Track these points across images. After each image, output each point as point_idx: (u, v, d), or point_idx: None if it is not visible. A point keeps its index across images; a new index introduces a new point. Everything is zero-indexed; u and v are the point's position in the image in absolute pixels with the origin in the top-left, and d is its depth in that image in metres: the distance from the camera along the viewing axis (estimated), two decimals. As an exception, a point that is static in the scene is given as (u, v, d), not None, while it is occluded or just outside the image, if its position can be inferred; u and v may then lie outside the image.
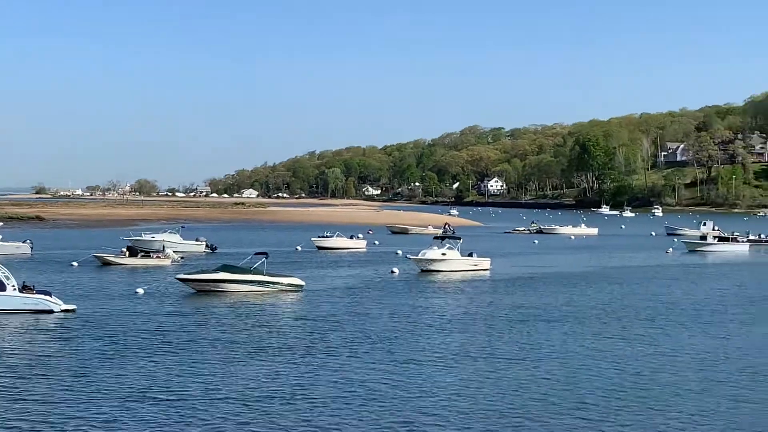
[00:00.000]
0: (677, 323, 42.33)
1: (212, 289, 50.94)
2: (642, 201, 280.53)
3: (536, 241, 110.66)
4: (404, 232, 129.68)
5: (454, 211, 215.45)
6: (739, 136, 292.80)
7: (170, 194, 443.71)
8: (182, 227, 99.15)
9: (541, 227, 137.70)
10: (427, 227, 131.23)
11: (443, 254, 68.18)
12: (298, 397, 26.12)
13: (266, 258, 53.36)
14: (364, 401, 25.70)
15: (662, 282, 62.79)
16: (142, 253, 72.19)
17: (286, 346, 34.35)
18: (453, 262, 68.06)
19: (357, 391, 26.86)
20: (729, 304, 50.58)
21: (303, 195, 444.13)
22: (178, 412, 24.23)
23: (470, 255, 70.58)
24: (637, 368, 31.15)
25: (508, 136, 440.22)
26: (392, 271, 66.61)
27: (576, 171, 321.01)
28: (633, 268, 74.71)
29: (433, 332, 38.48)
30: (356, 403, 25.45)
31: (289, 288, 52.10)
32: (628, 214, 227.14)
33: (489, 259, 71.10)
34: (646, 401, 26.29)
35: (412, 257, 69.73)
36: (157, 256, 71.58)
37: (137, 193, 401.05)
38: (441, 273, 65.86)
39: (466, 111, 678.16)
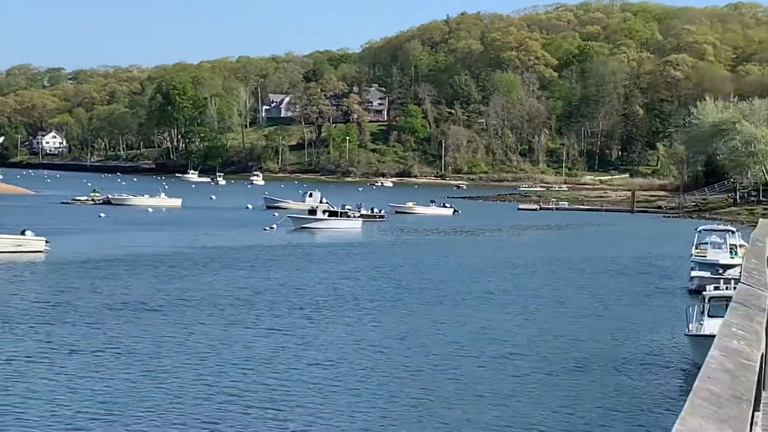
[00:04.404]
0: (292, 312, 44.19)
1: None
2: (239, 166, 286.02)
3: (103, 214, 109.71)
4: None
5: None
6: (355, 89, 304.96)
7: None
8: None
9: (109, 196, 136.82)
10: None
11: None
12: None
13: None
14: None
15: (269, 265, 65.04)
16: None
17: None
18: None
19: None
20: (351, 289, 53.66)
21: None
22: None
23: (24, 233, 68.55)
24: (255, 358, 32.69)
25: (70, 79, 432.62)
26: None
27: (157, 126, 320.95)
28: (231, 249, 75.85)
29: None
30: None
31: None
32: (221, 181, 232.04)
33: (43, 238, 69.13)
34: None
35: None
36: None
37: None
38: None
39: (16, 46, 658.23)
